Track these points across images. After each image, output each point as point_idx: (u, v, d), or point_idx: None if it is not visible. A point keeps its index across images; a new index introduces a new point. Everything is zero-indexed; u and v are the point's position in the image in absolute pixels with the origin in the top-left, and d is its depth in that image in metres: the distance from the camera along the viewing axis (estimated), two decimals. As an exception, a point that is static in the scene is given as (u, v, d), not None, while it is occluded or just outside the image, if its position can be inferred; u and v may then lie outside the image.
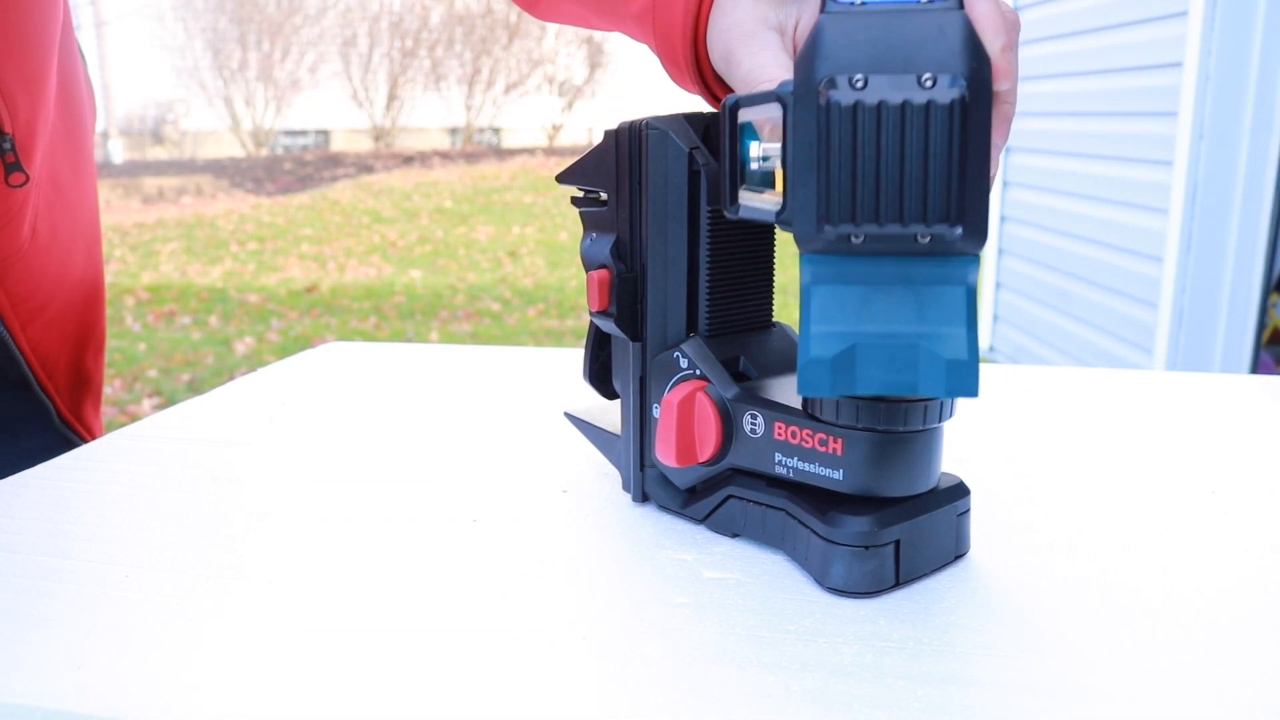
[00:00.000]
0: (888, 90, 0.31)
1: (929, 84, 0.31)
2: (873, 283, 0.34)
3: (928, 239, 0.32)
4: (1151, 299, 2.75)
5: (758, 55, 0.42)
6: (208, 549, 0.43)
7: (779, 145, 0.35)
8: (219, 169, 10.49)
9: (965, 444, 0.53)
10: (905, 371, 0.33)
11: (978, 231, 0.32)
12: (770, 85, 0.39)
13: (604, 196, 0.46)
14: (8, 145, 0.57)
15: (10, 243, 0.60)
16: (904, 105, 0.31)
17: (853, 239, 0.32)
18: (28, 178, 0.59)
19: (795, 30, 0.44)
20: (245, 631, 0.36)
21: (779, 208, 0.35)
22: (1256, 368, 2.60)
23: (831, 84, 0.32)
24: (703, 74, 0.48)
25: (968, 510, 0.41)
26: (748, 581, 0.39)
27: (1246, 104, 2.47)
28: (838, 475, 0.38)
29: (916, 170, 0.31)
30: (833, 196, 0.32)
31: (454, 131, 13.09)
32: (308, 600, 0.39)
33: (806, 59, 0.32)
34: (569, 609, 0.38)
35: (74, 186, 0.66)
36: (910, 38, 0.32)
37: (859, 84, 0.31)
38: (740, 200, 0.37)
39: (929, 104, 0.31)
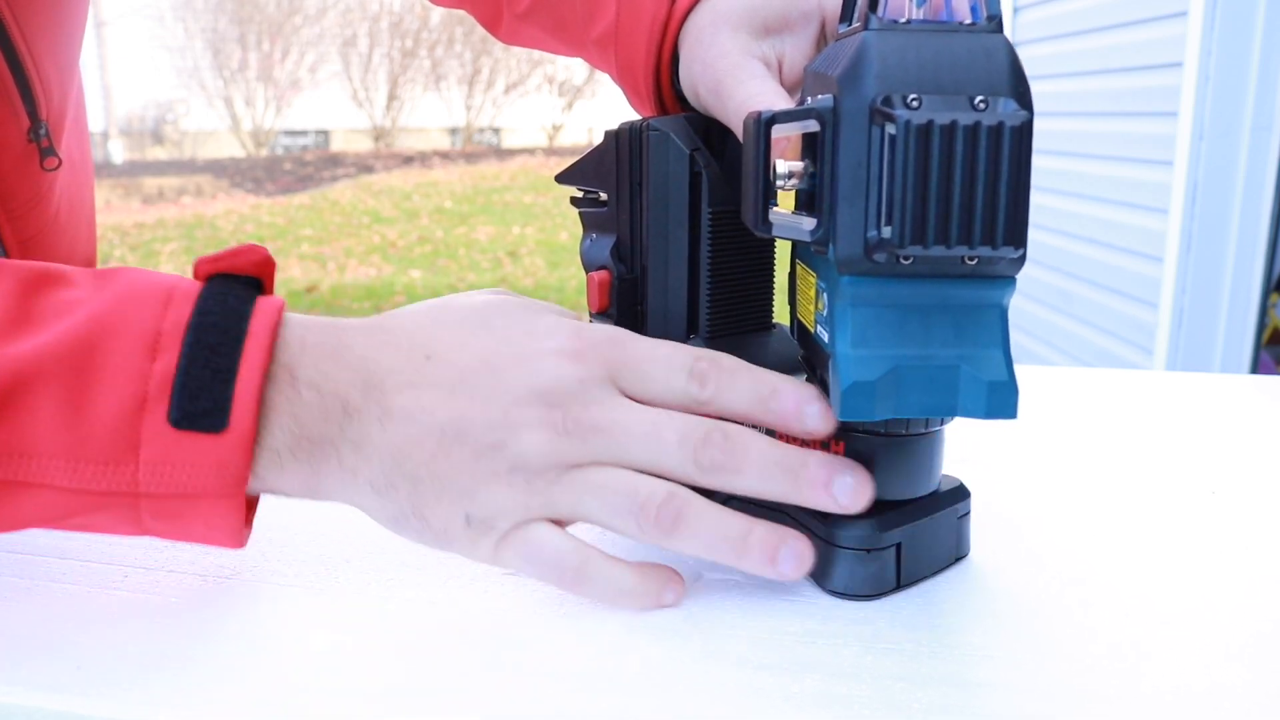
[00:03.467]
0: (944, 111, 0.30)
1: (981, 106, 0.31)
2: (909, 305, 0.33)
3: (974, 260, 0.32)
4: (1151, 299, 2.75)
5: (748, 84, 0.42)
6: (207, 549, 0.43)
7: (801, 164, 0.34)
8: (219, 169, 10.49)
9: (965, 445, 0.53)
10: (946, 394, 0.33)
11: (1024, 254, 0.32)
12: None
13: (604, 197, 0.46)
14: (43, 131, 0.58)
15: (38, 222, 0.61)
16: (976, 126, 0.30)
17: (901, 260, 0.32)
18: (60, 161, 0.60)
19: (781, 66, 0.44)
20: (246, 632, 0.36)
21: (813, 227, 0.34)
22: (1256, 368, 2.60)
23: (888, 102, 0.31)
24: (663, 103, 0.48)
25: (968, 513, 0.41)
26: (748, 583, 0.39)
27: (1246, 104, 2.47)
28: (838, 477, 0.38)
29: (987, 193, 0.30)
30: (897, 218, 0.31)
31: (454, 131, 13.09)
32: (308, 600, 0.39)
33: (853, 76, 0.32)
34: (568, 610, 0.38)
35: (81, 164, 0.68)
36: (958, 58, 0.31)
37: (914, 103, 0.31)
38: (771, 219, 0.36)
39: (1000, 126, 0.30)
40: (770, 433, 0.38)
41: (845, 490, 0.36)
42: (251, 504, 0.38)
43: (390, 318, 0.39)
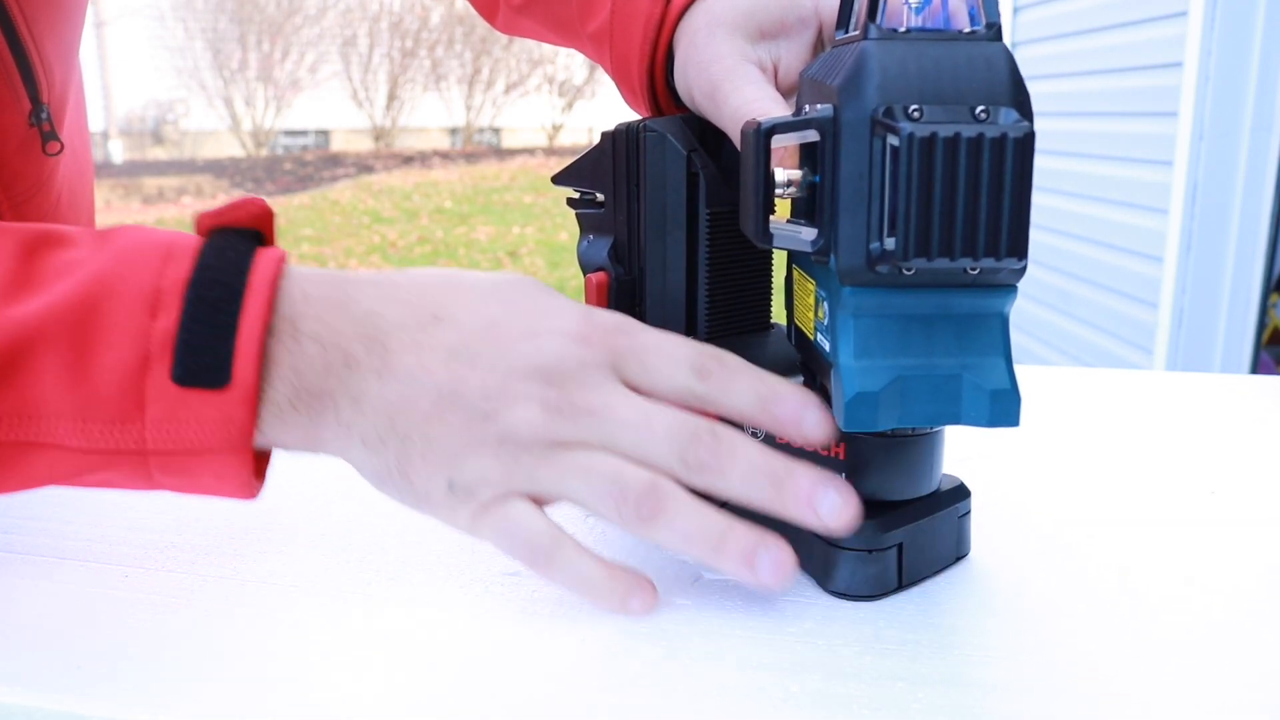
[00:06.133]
0: (946, 122, 0.30)
1: (983, 116, 0.31)
2: (911, 315, 0.33)
3: (977, 270, 0.32)
4: (1151, 299, 2.75)
5: (744, 89, 0.41)
6: (207, 549, 0.43)
7: (799, 173, 0.34)
8: (219, 169, 10.49)
9: (966, 444, 0.53)
10: (949, 403, 0.33)
11: (1026, 264, 0.32)
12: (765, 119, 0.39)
13: (601, 198, 0.46)
14: (44, 115, 0.58)
15: (39, 210, 0.61)
16: (980, 138, 0.30)
17: (904, 271, 0.32)
18: (62, 146, 0.60)
19: (777, 71, 0.44)
20: (245, 632, 0.36)
21: (814, 237, 0.34)
22: (1256, 368, 2.60)
23: (889, 113, 0.31)
24: (657, 101, 0.48)
25: (969, 512, 0.41)
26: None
27: (1246, 104, 2.47)
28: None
29: (990, 204, 0.30)
30: (900, 230, 0.31)
31: (454, 131, 13.09)
32: (308, 601, 0.39)
33: (853, 86, 0.32)
34: (568, 610, 0.38)
35: (82, 154, 0.68)
36: (959, 67, 0.31)
37: (915, 114, 0.31)
38: (772, 230, 0.35)
39: (1003, 137, 0.30)
40: (770, 437, 0.38)
41: (829, 508, 0.35)
42: (264, 456, 0.38)
43: (401, 274, 0.39)
